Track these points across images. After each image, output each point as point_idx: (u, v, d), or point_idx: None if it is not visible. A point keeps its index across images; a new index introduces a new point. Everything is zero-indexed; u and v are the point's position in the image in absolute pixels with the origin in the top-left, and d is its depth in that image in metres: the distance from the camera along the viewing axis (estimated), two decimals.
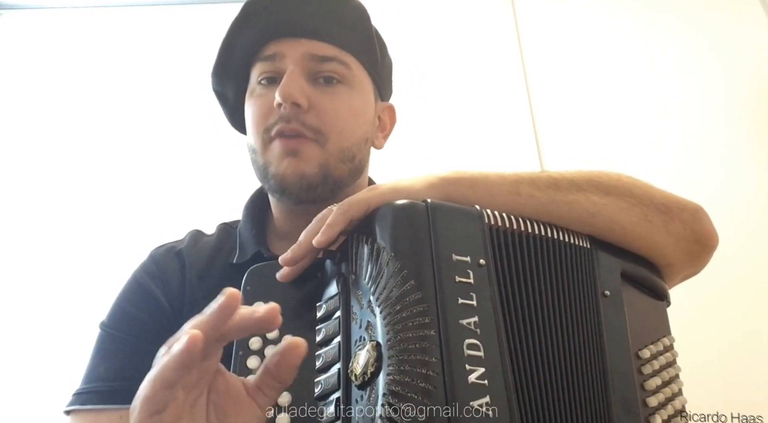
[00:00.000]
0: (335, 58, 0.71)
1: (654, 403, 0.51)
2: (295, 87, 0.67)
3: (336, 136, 0.70)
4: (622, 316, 0.55)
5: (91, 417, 0.63)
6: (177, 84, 1.85)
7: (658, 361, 0.55)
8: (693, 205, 0.65)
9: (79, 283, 1.57)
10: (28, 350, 1.52)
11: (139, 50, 1.92)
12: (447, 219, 0.50)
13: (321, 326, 0.51)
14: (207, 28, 1.90)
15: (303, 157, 0.68)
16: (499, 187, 0.57)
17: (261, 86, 0.72)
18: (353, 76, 0.73)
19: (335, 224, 0.52)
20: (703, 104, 1.82)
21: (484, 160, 1.63)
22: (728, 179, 1.68)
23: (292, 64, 0.69)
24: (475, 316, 0.45)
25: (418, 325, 0.44)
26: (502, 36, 1.92)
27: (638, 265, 0.61)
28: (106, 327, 0.69)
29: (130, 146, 1.79)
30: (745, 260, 1.56)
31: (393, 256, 0.47)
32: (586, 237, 0.59)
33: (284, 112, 0.67)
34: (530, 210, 0.56)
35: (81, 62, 1.90)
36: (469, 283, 0.47)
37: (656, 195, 0.63)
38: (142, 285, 0.70)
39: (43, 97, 1.85)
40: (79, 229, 1.67)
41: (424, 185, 0.56)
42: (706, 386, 0.56)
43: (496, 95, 1.83)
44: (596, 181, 0.62)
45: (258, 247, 0.72)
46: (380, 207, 0.52)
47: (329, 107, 0.69)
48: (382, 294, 0.46)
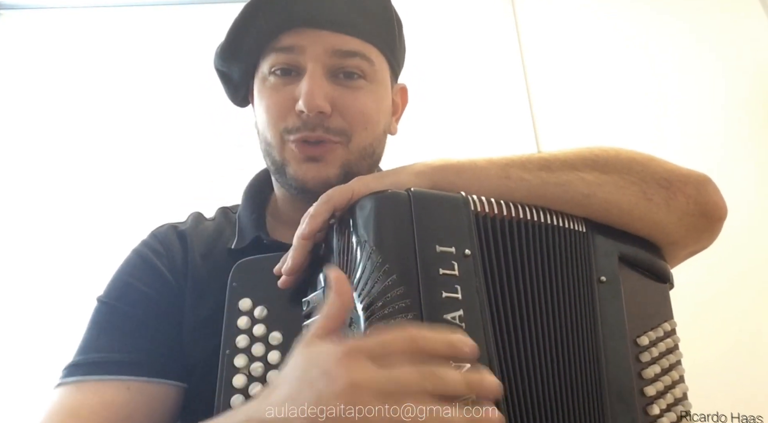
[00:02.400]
0: (359, 52, 0.67)
1: (652, 392, 0.50)
2: (319, 94, 0.63)
3: (360, 134, 0.67)
4: (619, 302, 0.53)
5: (93, 387, 0.58)
6: (177, 84, 1.85)
7: (657, 347, 0.53)
8: (698, 176, 0.62)
9: (79, 282, 1.58)
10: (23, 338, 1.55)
11: (139, 50, 1.91)
12: (430, 208, 0.48)
13: (307, 322, 0.50)
14: (207, 28, 1.89)
15: (326, 161, 0.66)
16: (488, 171, 0.55)
17: (275, 77, 0.67)
18: (375, 71, 0.69)
19: (318, 214, 0.51)
20: (703, 104, 1.80)
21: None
22: (728, 179, 1.60)
23: (312, 62, 0.65)
24: (459, 309, 0.44)
25: (400, 321, 0.43)
26: (502, 36, 1.90)
27: (638, 247, 0.59)
28: (107, 299, 0.66)
29: (129, 146, 1.78)
30: (745, 260, 1.54)
31: (375, 249, 0.46)
32: (581, 220, 0.56)
33: (308, 119, 0.64)
34: (521, 194, 0.54)
35: (81, 62, 1.89)
36: (453, 275, 0.45)
37: (657, 169, 0.60)
38: (147, 260, 0.68)
39: (43, 97, 1.85)
40: (78, 229, 1.67)
41: (410, 174, 0.54)
42: (706, 386, 0.54)
43: (496, 95, 1.81)
44: (591, 159, 0.59)
45: (257, 232, 0.71)
46: (361, 198, 0.50)
47: (352, 106, 0.66)
48: (364, 290, 0.45)
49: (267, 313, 0.53)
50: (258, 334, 0.52)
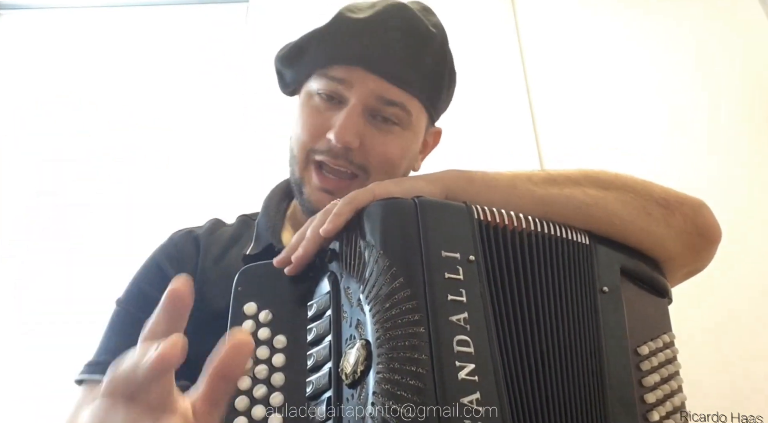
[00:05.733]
0: (400, 104, 0.70)
1: (652, 399, 0.50)
2: (352, 130, 0.67)
3: (378, 175, 0.70)
4: (621, 312, 0.54)
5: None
6: (177, 83, 1.86)
7: (657, 357, 0.53)
8: (693, 200, 0.65)
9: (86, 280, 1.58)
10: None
11: (139, 50, 1.93)
12: (436, 215, 0.50)
13: (312, 326, 0.51)
14: (207, 28, 1.92)
15: (341, 196, 0.69)
16: (496, 181, 0.58)
17: (319, 97, 0.72)
18: (411, 121, 0.73)
19: (342, 214, 0.52)
20: (703, 104, 1.81)
21: (484, 160, 1.61)
22: (728, 179, 1.67)
23: (355, 98, 0.69)
24: (464, 312, 0.45)
25: (407, 322, 0.44)
26: (502, 36, 1.92)
27: (638, 260, 0.60)
28: (122, 304, 0.71)
29: (129, 146, 1.79)
30: (744, 260, 1.55)
31: (382, 253, 0.47)
32: (585, 233, 0.58)
33: (334, 148, 0.68)
34: (528, 204, 0.57)
35: (81, 62, 1.90)
36: (458, 279, 0.46)
37: (656, 190, 0.63)
38: (160, 266, 0.73)
39: (43, 97, 1.85)
40: (78, 229, 1.67)
41: (425, 181, 0.57)
42: (706, 386, 0.55)
43: (496, 95, 1.83)
44: (593, 176, 0.62)
45: (271, 240, 0.73)
46: (369, 205, 0.51)
47: (379, 149, 0.70)
48: (372, 292, 0.46)
49: (272, 317, 0.53)
50: (263, 337, 0.53)
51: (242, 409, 0.48)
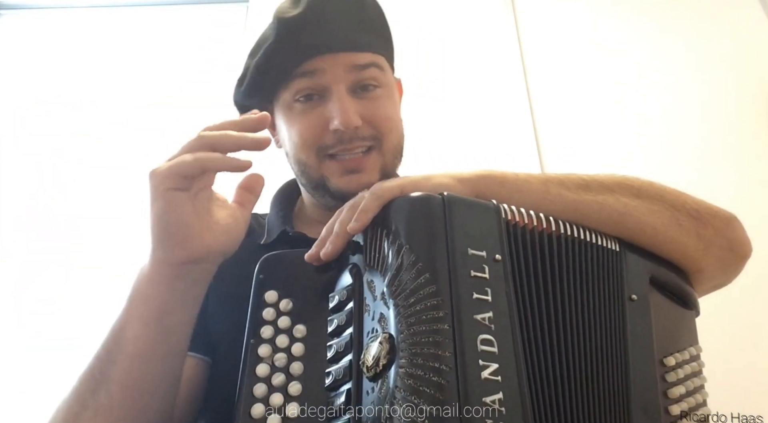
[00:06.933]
0: (372, 63, 0.74)
1: (677, 411, 0.49)
2: (351, 110, 0.70)
3: (389, 137, 0.74)
4: (648, 321, 0.53)
5: None
6: (176, 83, 1.85)
7: (683, 369, 0.52)
8: (725, 213, 0.64)
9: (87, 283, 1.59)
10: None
11: (139, 50, 1.93)
12: (463, 213, 0.49)
13: (333, 317, 0.51)
14: (207, 29, 1.92)
15: (366, 170, 0.73)
16: (529, 184, 0.57)
17: (300, 103, 0.73)
18: (386, 77, 0.77)
19: (369, 210, 0.52)
20: (703, 104, 1.78)
21: (484, 160, 1.61)
22: (728, 179, 1.63)
23: (335, 83, 0.71)
24: (489, 311, 0.44)
25: (431, 318, 0.43)
26: (502, 36, 1.90)
27: (668, 270, 0.59)
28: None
29: (129, 146, 1.78)
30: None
31: (408, 248, 0.46)
32: (615, 240, 0.57)
33: (343, 135, 0.71)
34: (559, 208, 0.56)
35: (81, 62, 1.90)
36: (484, 278, 0.46)
37: (688, 201, 0.62)
38: None
39: (43, 97, 1.85)
40: (78, 229, 1.67)
41: (454, 179, 0.56)
42: (706, 386, 0.54)
43: (496, 95, 1.81)
44: (627, 184, 0.61)
45: (283, 227, 0.76)
46: (396, 199, 0.51)
47: (379, 114, 0.74)
48: (396, 286, 0.45)
49: (292, 306, 0.53)
50: (283, 326, 0.53)
51: (260, 396, 0.48)
